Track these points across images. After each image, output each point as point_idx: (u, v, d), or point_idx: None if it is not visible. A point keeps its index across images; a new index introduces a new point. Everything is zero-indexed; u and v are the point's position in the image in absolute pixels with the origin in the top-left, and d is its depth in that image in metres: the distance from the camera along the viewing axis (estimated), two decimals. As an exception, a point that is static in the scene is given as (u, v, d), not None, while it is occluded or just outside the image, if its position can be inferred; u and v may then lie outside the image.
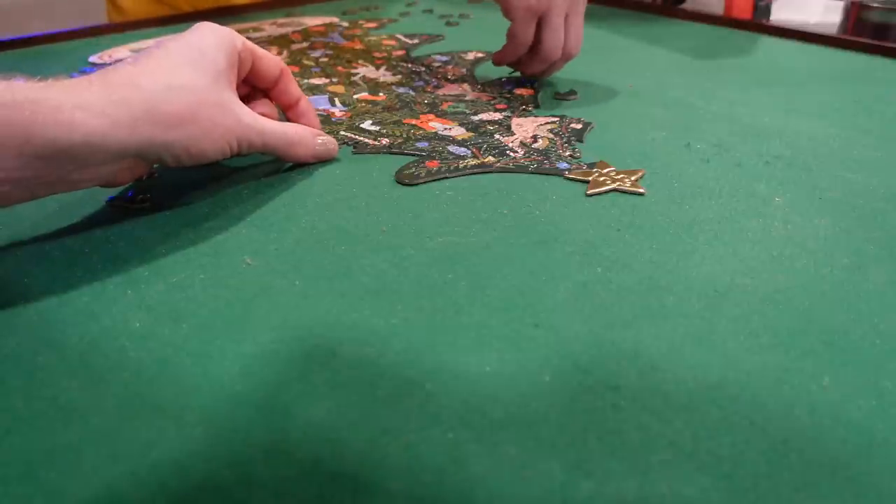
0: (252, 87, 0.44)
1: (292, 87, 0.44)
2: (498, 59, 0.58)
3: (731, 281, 0.34)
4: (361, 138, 0.49)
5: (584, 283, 0.33)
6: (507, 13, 0.55)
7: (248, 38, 0.71)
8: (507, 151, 0.46)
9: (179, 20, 0.79)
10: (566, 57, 0.57)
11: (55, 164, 0.31)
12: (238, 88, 0.40)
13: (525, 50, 0.56)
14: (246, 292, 0.33)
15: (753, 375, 0.28)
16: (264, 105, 0.43)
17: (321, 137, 0.45)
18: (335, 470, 0.24)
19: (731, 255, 0.36)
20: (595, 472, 0.24)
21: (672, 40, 0.74)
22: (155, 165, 0.38)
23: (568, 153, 0.46)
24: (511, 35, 0.55)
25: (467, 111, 0.53)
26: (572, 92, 0.58)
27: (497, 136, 0.49)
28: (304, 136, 0.44)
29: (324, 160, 0.45)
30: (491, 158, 0.45)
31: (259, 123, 0.39)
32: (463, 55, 0.67)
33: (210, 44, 0.38)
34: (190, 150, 0.36)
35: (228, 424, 0.25)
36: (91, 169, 0.34)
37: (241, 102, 0.39)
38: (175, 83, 0.35)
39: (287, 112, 0.45)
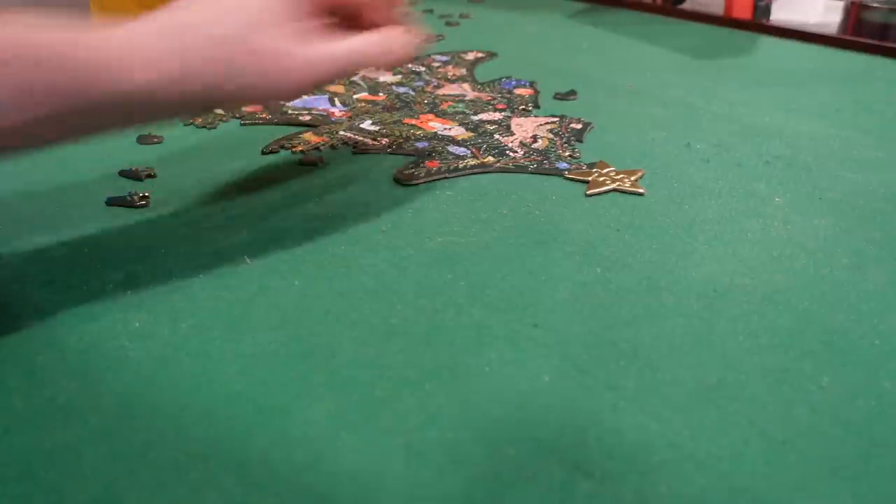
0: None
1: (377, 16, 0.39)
2: None
3: (731, 281, 0.34)
4: (361, 138, 0.48)
5: (584, 283, 0.33)
6: None
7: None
8: (507, 151, 0.46)
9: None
10: None
11: (106, 114, 0.30)
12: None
13: None
14: (245, 292, 0.33)
15: (753, 375, 0.28)
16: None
17: (404, 39, 0.38)
18: (334, 471, 0.24)
19: (730, 256, 0.36)
20: (594, 472, 0.24)
21: (672, 40, 0.74)
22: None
23: (568, 153, 0.46)
24: None
25: (467, 111, 0.53)
26: (572, 92, 0.58)
27: (497, 136, 0.49)
28: (386, 44, 0.37)
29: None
30: (491, 158, 0.45)
31: (326, 53, 0.35)
32: (463, 55, 0.67)
33: None
34: (248, 98, 0.37)
35: (227, 424, 0.25)
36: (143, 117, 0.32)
37: (305, 37, 0.34)
38: (218, 33, 0.32)
39: None
